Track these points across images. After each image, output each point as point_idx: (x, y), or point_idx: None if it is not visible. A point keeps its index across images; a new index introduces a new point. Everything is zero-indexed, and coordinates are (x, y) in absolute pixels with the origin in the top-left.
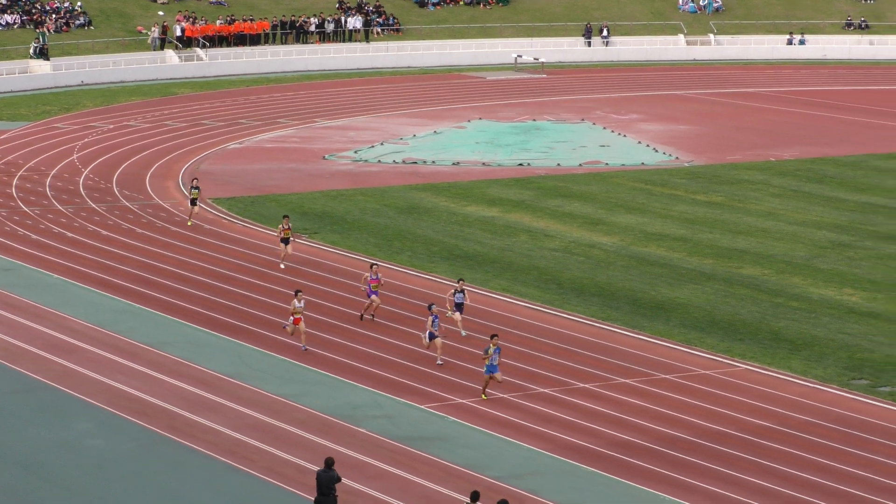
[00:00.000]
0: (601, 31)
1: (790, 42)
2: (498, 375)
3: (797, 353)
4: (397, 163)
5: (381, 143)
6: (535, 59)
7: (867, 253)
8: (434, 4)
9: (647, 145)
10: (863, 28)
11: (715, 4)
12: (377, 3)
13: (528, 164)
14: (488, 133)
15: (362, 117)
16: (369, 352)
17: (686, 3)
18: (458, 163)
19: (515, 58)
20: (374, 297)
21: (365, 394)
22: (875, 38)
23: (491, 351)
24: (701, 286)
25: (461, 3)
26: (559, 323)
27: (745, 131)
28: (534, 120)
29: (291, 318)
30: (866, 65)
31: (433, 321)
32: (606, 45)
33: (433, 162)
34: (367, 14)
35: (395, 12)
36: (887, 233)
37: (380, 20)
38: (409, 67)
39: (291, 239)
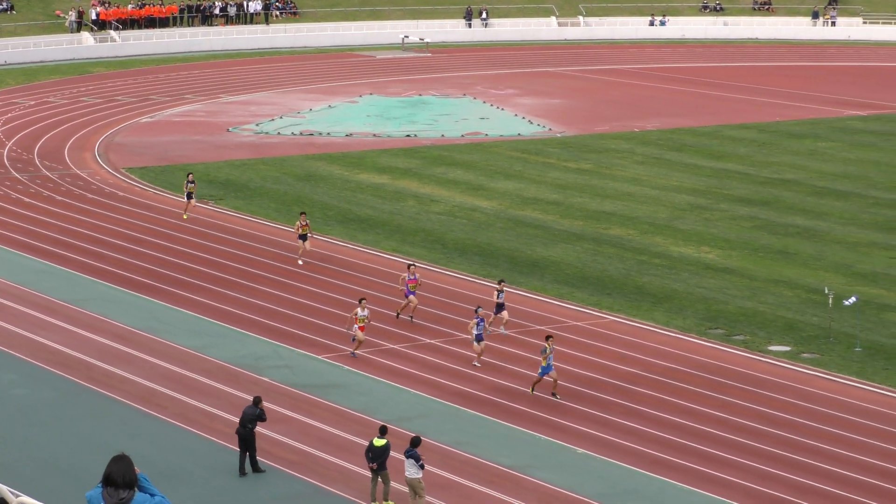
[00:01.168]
0: (481, 13)
1: (652, 23)
2: (554, 374)
3: (659, 305)
4: (295, 134)
5: (281, 117)
6: (420, 39)
7: (722, 214)
8: None
9: (523, 118)
10: (717, 10)
11: None
12: None
13: (415, 136)
14: (378, 107)
15: (263, 93)
16: (270, 307)
17: None
18: (350, 134)
19: (403, 38)
20: (412, 297)
21: (267, 346)
22: (728, 19)
23: (548, 352)
24: (572, 245)
25: None
26: (444, 280)
27: (611, 104)
28: (420, 95)
29: (356, 325)
30: (720, 43)
31: (478, 323)
32: (485, 27)
33: (328, 133)
34: None
35: None
36: (740, 196)
37: (278, 4)
38: (305, 47)
39: (310, 235)
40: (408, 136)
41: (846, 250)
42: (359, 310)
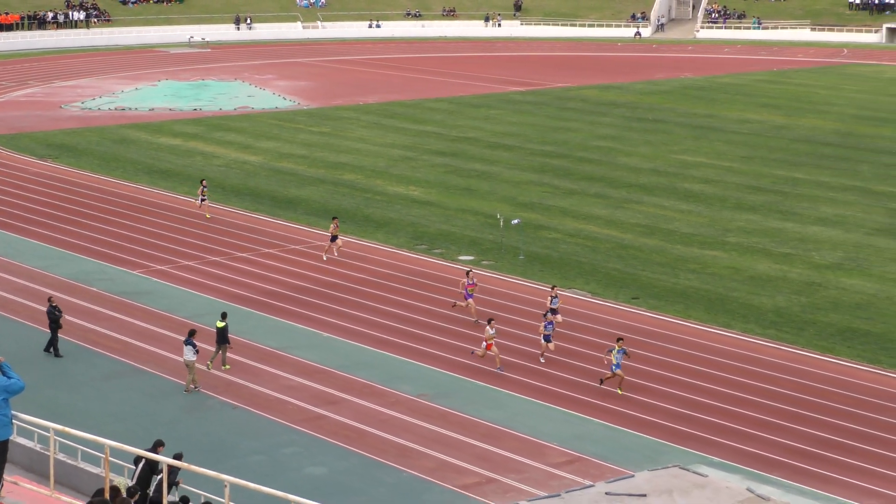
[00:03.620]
0: (246, 19)
1: (370, 26)
2: (620, 372)
3: (380, 229)
4: (111, 109)
5: (100, 97)
6: (202, 39)
7: (424, 163)
8: (133, 3)
9: (280, 95)
10: (417, 16)
11: (322, 1)
12: (93, 2)
13: (200, 109)
14: (172, 89)
15: (86, 79)
16: (96, 236)
17: (302, 1)
18: (153, 109)
19: (189, 38)
20: (470, 300)
21: (93, 264)
22: (425, 22)
23: (616, 352)
24: (317, 187)
25: (151, 1)
26: (223, 213)
27: (343, 85)
28: (203, 80)
29: (484, 343)
30: (420, 41)
31: (547, 325)
32: (250, 29)
33: (135, 108)
34: (87, 9)
35: (106, 8)
36: (436, 150)
37: (96, 13)
38: (117, 45)
39: (339, 236)
40: (195, 109)
41: (512, 187)
42: (488, 328)
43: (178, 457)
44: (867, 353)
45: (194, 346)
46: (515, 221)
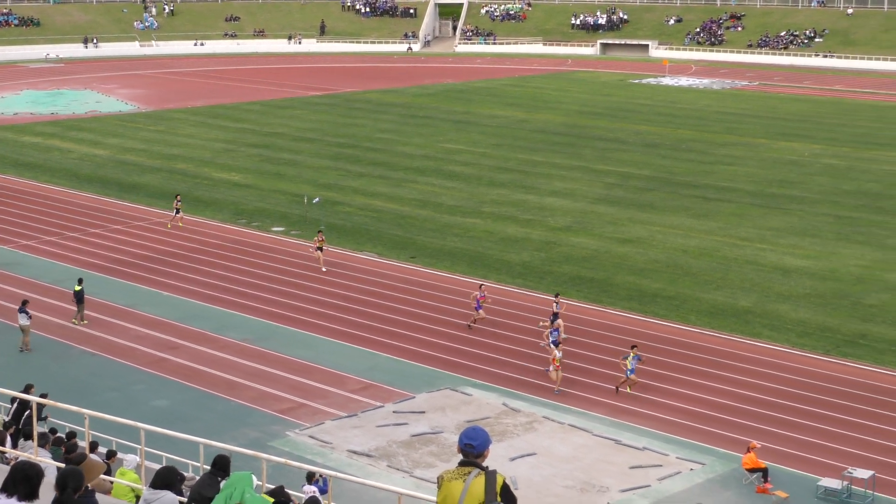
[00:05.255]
0: (93, 39)
1: (196, 44)
2: (633, 377)
3: (208, 207)
4: None
5: None
6: (57, 55)
7: (242, 154)
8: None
9: (123, 101)
10: (233, 36)
11: (156, 24)
12: None
13: (56, 113)
14: (33, 97)
15: None
16: None
17: (139, 24)
18: (16, 113)
19: (46, 55)
20: (480, 311)
21: None
22: (240, 41)
23: (630, 358)
24: (155, 174)
25: (12, 25)
26: (81, 198)
27: (174, 92)
28: (58, 89)
29: (551, 367)
30: (237, 56)
31: (552, 332)
32: (97, 48)
33: (2, 113)
34: None
35: None
36: (252, 143)
37: None
38: None
39: (325, 248)
40: (52, 113)
41: (313, 171)
42: (556, 351)
43: (44, 396)
44: (592, 295)
45: (27, 313)
46: (317, 200)
